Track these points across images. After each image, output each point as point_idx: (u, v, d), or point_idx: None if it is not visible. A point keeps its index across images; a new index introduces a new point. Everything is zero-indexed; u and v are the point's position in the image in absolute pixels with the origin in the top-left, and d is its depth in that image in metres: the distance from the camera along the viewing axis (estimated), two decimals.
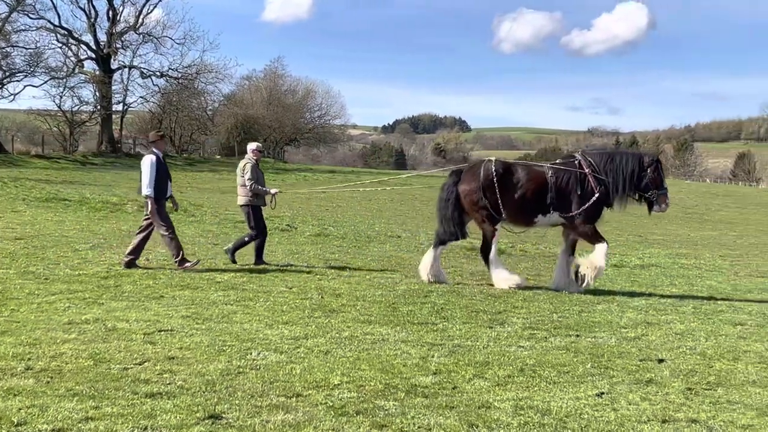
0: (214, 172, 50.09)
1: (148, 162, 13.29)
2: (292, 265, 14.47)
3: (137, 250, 13.42)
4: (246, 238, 14.65)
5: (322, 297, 11.28)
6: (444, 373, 7.37)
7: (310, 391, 6.63)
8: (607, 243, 13.26)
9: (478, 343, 8.76)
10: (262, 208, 14.71)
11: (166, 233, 13.28)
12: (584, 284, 13.00)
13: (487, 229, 13.51)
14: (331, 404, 6.28)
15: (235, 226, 21.75)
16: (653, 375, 7.62)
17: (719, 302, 12.81)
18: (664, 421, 6.14)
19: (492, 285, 13.21)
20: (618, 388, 7.10)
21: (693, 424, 6.11)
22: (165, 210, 13.57)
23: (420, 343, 8.63)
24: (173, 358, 7.55)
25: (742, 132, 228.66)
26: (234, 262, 14.30)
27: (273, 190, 14.79)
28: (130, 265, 13.20)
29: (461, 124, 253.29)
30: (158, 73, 61.32)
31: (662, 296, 13.15)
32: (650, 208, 13.50)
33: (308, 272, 13.76)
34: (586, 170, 13.19)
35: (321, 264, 15.04)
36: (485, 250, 13.65)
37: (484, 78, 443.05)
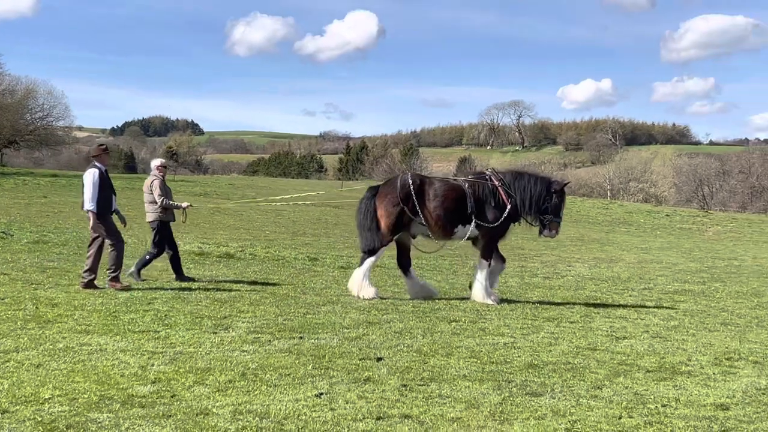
0: None
1: (90, 176, 12.94)
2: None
3: (94, 269, 12.93)
4: (147, 257, 14.55)
5: (36, 307, 10.72)
6: (163, 382, 7.21)
7: (18, 407, 6.27)
8: (490, 264, 13.73)
9: (200, 350, 8.64)
10: (171, 224, 14.74)
11: (113, 246, 13.01)
12: (480, 300, 13.42)
13: (385, 235, 13.50)
14: (40, 419, 5.97)
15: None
16: (371, 373, 7.84)
17: (437, 300, 13.41)
18: (378, 418, 6.32)
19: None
20: (337, 387, 7.24)
21: (406, 420, 6.33)
22: (113, 223, 13.28)
23: (140, 352, 8.39)
24: None
25: (463, 137, 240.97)
26: (141, 280, 14.18)
27: (184, 204, 14.91)
28: (89, 285, 12.76)
29: (194, 128, 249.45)
30: None
31: (384, 297, 13.57)
32: (540, 232, 14.04)
33: (23, 282, 13.05)
34: (497, 183, 13.73)
35: (38, 272, 14.29)
36: (371, 253, 13.56)
37: (217, 81, 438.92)
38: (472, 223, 13.59)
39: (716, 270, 23.72)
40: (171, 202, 14.54)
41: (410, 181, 13.58)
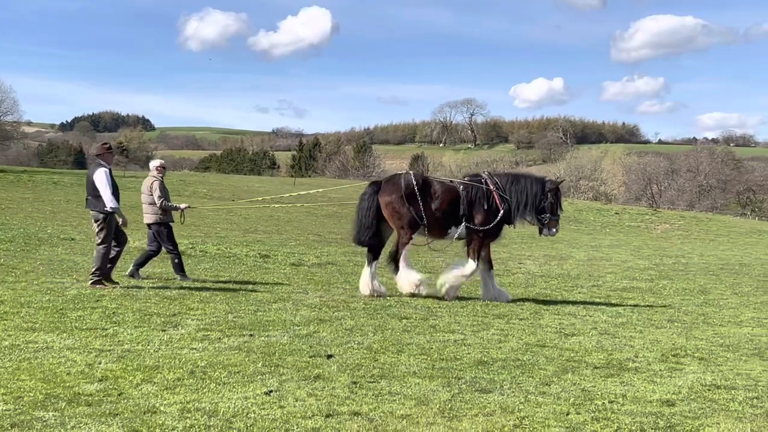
0: None
1: (102, 175, 12.84)
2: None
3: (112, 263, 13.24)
4: (147, 255, 14.66)
5: None
6: (110, 380, 7.13)
7: None
8: (477, 266, 13.90)
9: (149, 347, 8.57)
10: (171, 224, 14.79)
11: (103, 247, 12.86)
12: (448, 291, 13.72)
13: (403, 235, 13.79)
14: None
15: None
16: (321, 371, 7.83)
17: (388, 297, 13.43)
18: (328, 416, 6.31)
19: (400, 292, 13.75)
20: (287, 385, 7.22)
21: (355, 417, 6.33)
22: (114, 226, 13.13)
23: (87, 350, 8.30)
24: None
25: (416, 135, 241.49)
26: (140, 278, 14.22)
27: (182, 206, 15.05)
28: (97, 284, 12.77)
29: (145, 123, 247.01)
30: None
31: (334, 295, 13.57)
32: (540, 231, 14.37)
33: None
34: (492, 187, 13.97)
35: None
36: (395, 255, 13.99)
37: (169, 76, 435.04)
38: (462, 225, 13.87)
39: (664, 267, 24.02)
40: (170, 204, 14.63)
41: (414, 181, 13.80)
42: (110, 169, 13.21)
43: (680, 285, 18.70)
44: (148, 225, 14.74)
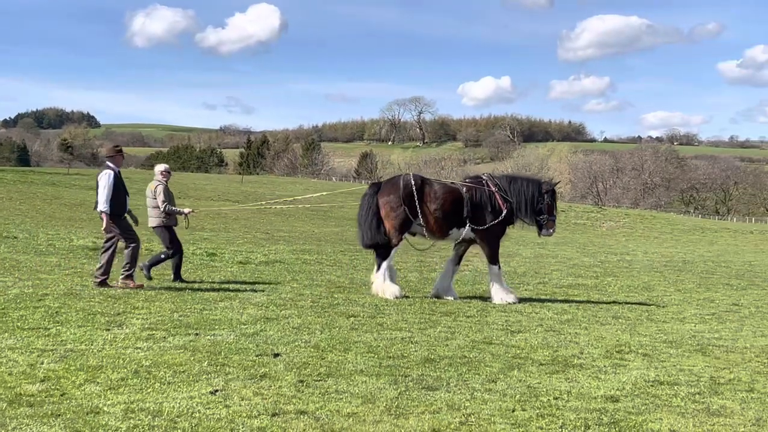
0: None
1: (105, 178, 12.91)
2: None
3: (107, 269, 13.06)
4: (162, 256, 14.62)
5: None
6: (53, 380, 7.01)
7: None
8: (500, 265, 14.23)
9: (92, 347, 8.45)
10: (174, 227, 14.80)
11: (132, 245, 13.06)
12: (500, 301, 13.73)
13: (393, 236, 13.86)
14: None
15: None
16: (268, 369, 7.78)
17: (336, 296, 13.41)
18: (274, 415, 6.27)
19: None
20: (232, 384, 7.16)
21: (302, 416, 6.30)
22: (128, 224, 13.28)
23: (29, 350, 8.15)
24: None
25: (365, 133, 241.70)
26: (149, 278, 14.19)
27: (186, 210, 15.13)
28: (102, 284, 12.86)
29: (90, 120, 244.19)
30: None
31: (281, 293, 13.51)
32: (539, 231, 14.59)
33: None
34: (493, 189, 14.18)
35: None
36: (383, 256, 13.96)
37: (115, 73, 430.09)
38: (467, 227, 14.02)
39: (609, 264, 24.33)
40: (173, 208, 14.62)
41: (412, 182, 13.89)
42: (118, 171, 13.29)
43: (625, 282, 18.95)
44: (153, 228, 14.79)
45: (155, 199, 14.41)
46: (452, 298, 13.99)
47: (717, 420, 6.69)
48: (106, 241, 13.10)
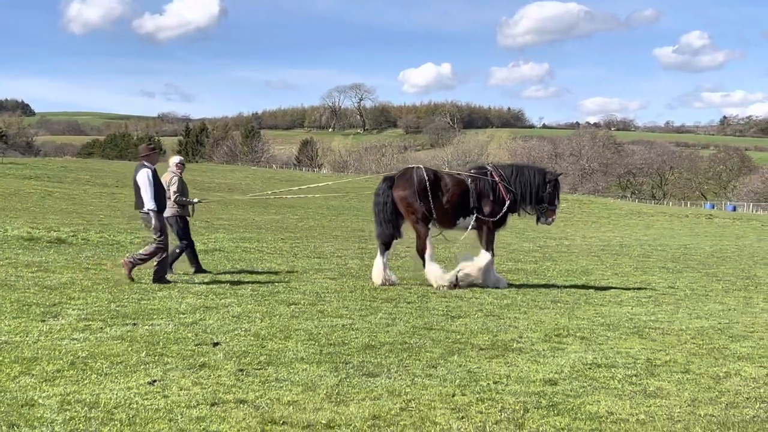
0: None
1: (144, 176, 13.06)
2: None
3: (165, 263, 13.27)
4: (177, 251, 14.75)
5: None
6: None
7: None
8: (493, 255, 14.54)
9: (27, 338, 8.30)
10: (188, 218, 15.18)
11: (161, 243, 13.07)
12: (464, 280, 14.30)
13: (420, 229, 14.31)
14: None
15: None
16: (207, 359, 7.71)
17: (276, 284, 13.35)
18: (213, 404, 6.22)
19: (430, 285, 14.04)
20: (171, 374, 7.09)
21: (241, 405, 6.26)
22: (165, 223, 13.52)
23: None
24: None
25: (305, 120, 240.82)
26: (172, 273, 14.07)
27: (195, 200, 15.55)
28: (161, 281, 12.99)
29: (24, 108, 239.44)
30: None
31: (221, 281, 13.41)
32: (538, 220, 15.10)
33: None
34: (497, 179, 14.55)
35: None
36: (421, 250, 14.39)
37: (51, 60, 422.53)
38: (473, 216, 14.40)
39: (548, 249, 24.57)
40: (184, 199, 14.90)
41: (425, 176, 14.25)
42: (154, 170, 13.34)
43: (563, 266, 19.15)
44: (166, 218, 14.53)
45: (168, 190, 14.58)
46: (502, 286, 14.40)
47: (653, 401, 6.79)
48: (158, 238, 13.10)
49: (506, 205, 14.53)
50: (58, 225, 23.10)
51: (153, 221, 13.04)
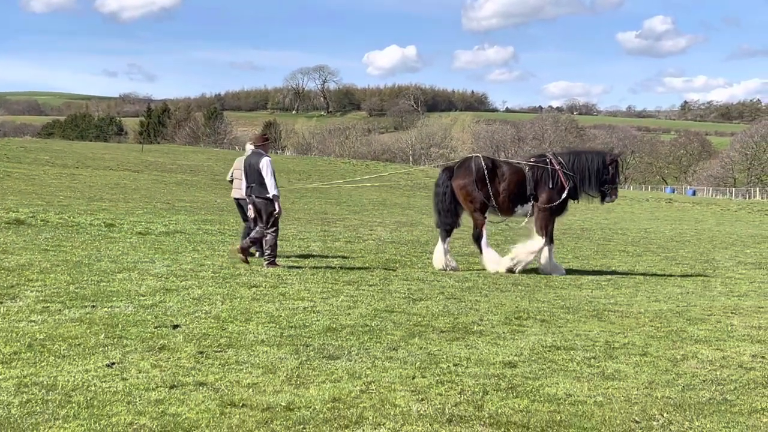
0: None
1: (266, 164, 13.56)
2: None
3: (274, 251, 13.77)
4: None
5: None
6: None
7: None
8: (545, 241, 14.78)
9: None
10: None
11: (273, 230, 13.62)
12: (517, 266, 14.58)
13: (478, 217, 14.84)
14: None
15: None
16: (167, 341, 7.67)
17: (237, 266, 13.30)
18: (172, 387, 6.18)
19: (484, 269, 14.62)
20: (130, 357, 7.04)
21: (201, 387, 6.23)
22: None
23: None
24: None
25: (268, 101, 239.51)
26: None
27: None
28: (272, 264, 13.59)
29: None
30: None
31: (184, 263, 13.34)
32: (602, 199, 15.40)
33: None
34: (557, 167, 14.91)
35: None
36: (477, 237, 14.90)
37: (9, 38, 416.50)
38: (531, 203, 14.81)
39: (510, 233, 24.68)
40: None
41: (483, 165, 14.71)
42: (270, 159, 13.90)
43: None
44: (235, 200, 15.50)
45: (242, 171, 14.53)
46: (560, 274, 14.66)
47: (611, 384, 6.86)
48: (272, 224, 13.58)
49: (566, 191, 14.84)
50: (17, 206, 22.82)
51: (276, 207, 13.49)
